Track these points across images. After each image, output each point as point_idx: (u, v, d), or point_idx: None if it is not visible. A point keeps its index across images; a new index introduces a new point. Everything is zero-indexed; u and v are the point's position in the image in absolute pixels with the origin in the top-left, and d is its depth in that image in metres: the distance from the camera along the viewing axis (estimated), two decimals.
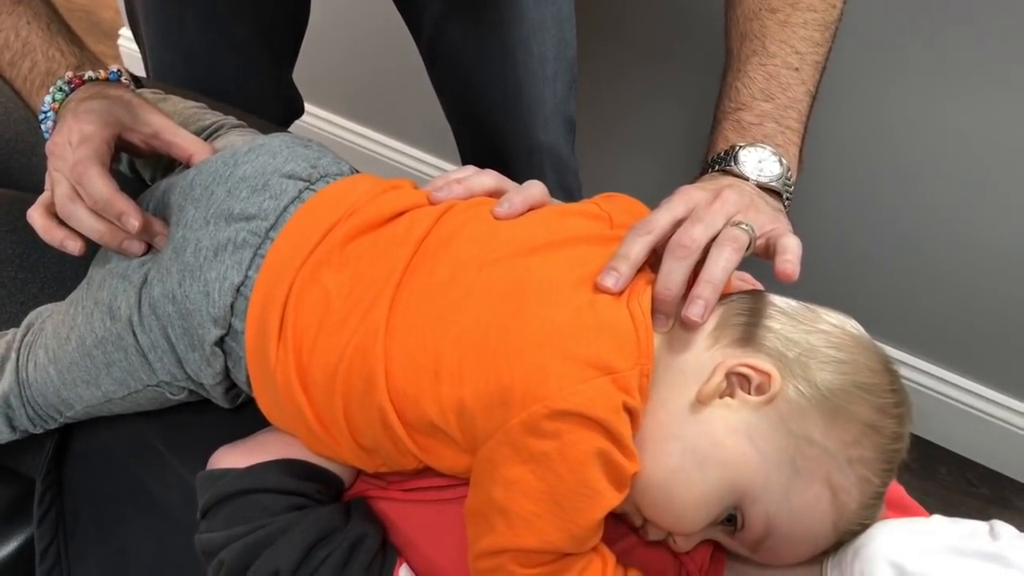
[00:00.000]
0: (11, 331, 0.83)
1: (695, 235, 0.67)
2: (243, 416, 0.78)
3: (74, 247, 0.78)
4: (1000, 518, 0.62)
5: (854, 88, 1.36)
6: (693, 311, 0.64)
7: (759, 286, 0.79)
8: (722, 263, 0.66)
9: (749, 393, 0.63)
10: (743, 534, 0.64)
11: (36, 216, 0.79)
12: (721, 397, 0.63)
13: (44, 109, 0.82)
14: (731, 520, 0.64)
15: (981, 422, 1.62)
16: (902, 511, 0.74)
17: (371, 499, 0.74)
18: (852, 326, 0.67)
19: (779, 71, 0.83)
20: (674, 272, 0.66)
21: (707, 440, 0.63)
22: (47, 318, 0.82)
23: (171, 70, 1.22)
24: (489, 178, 0.80)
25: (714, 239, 0.68)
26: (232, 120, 0.96)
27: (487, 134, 1.27)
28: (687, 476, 0.62)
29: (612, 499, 0.61)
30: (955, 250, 1.46)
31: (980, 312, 1.51)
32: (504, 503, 0.61)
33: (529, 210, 0.76)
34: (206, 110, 0.98)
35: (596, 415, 0.59)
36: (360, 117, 2.00)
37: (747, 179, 0.78)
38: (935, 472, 1.64)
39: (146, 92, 0.99)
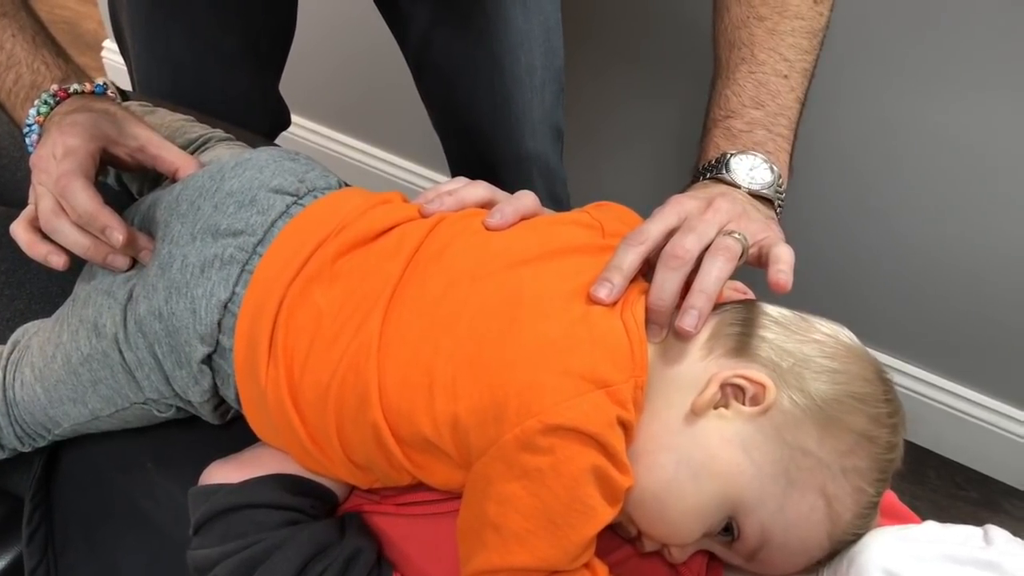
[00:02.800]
0: None
1: (688, 245, 0.67)
2: (233, 431, 0.78)
3: (58, 262, 0.77)
4: (989, 521, 0.62)
5: (846, 91, 1.37)
6: (687, 322, 0.65)
7: (751, 295, 0.79)
8: (715, 273, 0.66)
9: (743, 404, 0.63)
10: (738, 545, 0.64)
11: (19, 231, 0.78)
12: (715, 408, 0.63)
13: (29, 122, 0.81)
14: (727, 530, 0.64)
15: (970, 426, 1.62)
16: (895, 518, 0.74)
17: (365, 514, 0.74)
18: (846, 335, 0.67)
19: (768, 79, 0.83)
20: (667, 282, 0.66)
21: (701, 452, 0.62)
22: (33, 335, 0.81)
23: (157, 81, 1.21)
24: (480, 189, 0.80)
25: (707, 248, 0.68)
26: (220, 133, 0.95)
27: (475, 144, 1.27)
28: (681, 488, 0.62)
29: (606, 515, 0.60)
30: (943, 255, 1.47)
31: (969, 317, 1.51)
32: (497, 519, 0.60)
33: (521, 220, 0.75)
34: (193, 123, 0.97)
35: (590, 430, 0.59)
36: (347, 128, 2.00)
37: (738, 187, 0.78)
38: (924, 476, 1.65)
39: (133, 105, 0.98)
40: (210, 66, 1.20)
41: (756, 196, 0.78)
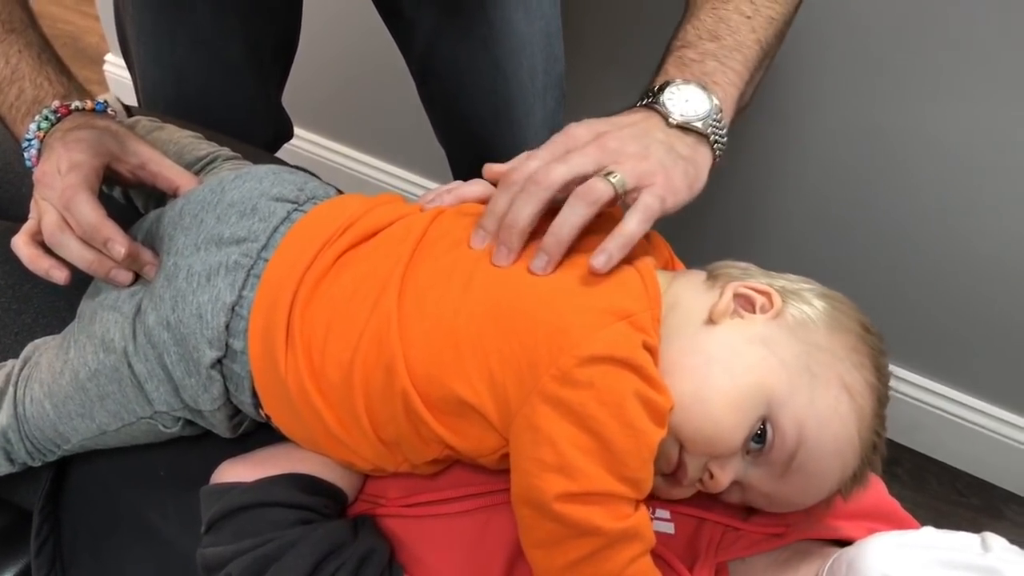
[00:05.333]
0: (10, 362, 0.83)
1: (554, 175, 0.69)
2: (246, 445, 0.79)
3: (60, 276, 0.77)
4: (991, 527, 0.63)
5: (843, 94, 1.37)
6: (535, 264, 0.68)
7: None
8: (572, 219, 0.68)
9: (754, 313, 0.68)
10: (775, 452, 0.66)
11: (21, 245, 0.79)
12: (731, 318, 0.68)
13: (28, 137, 0.82)
14: (762, 436, 0.66)
15: (970, 433, 1.63)
16: (895, 524, 0.74)
17: (376, 517, 0.75)
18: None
19: (730, 15, 0.83)
20: (524, 207, 0.69)
21: (728, 350, 0.67)
22: (43, 352, 0.82)
23: (161, 92, 1.23)
24: (478, 187, 0.82)
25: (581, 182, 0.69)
26: (226, 152, 0.96)
27: (478, 149, 1.28)
28: (717, 382, 0.65)
29: (655, 435, 0.63)
30: (941, 261, 1.47)
31: (969, 323, 1.52)
32: (557, 461, 0.62)
33: None
34: (201, 140, 0.98)
35: (621, 355, 0.62)
36: (350, 140, 2.01)
37: (668, 117, 0.76)
38: (925, 483, 1.65)
39: (143, 120, 0.99)
40: (213, 75, 1.21)
41: (689, 129, 0.76)
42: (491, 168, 0.75)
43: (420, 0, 1.17)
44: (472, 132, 1.27)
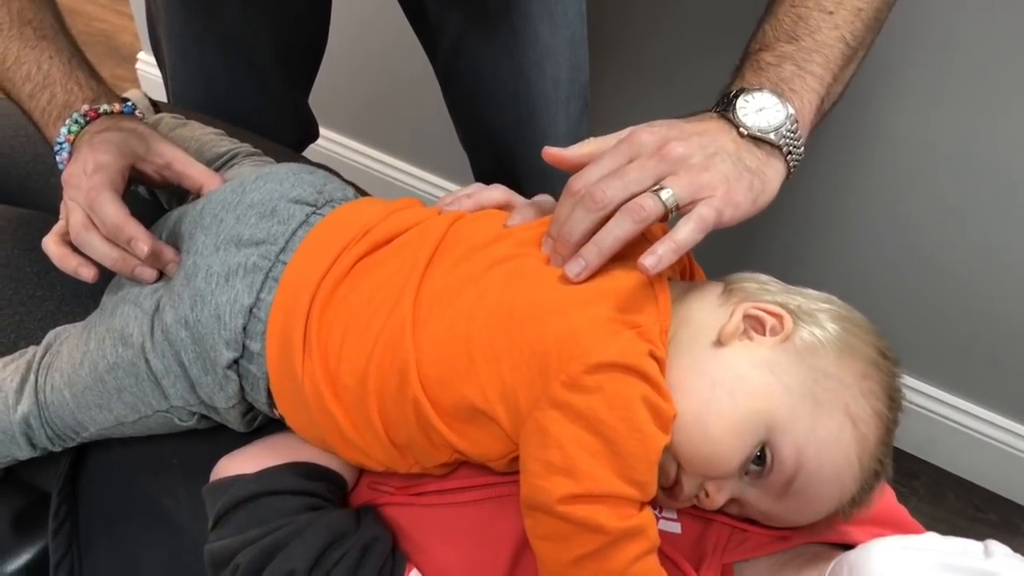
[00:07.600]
0: (31, 349, 0.85)
1: (610, 193, 0.69)
2: (254, 438, 0.80)
3: (88, 274, 0.80)
4: (1008, 543, 0.63)
5: (857, 100, 1.36)
6: (571, 268, 0.68)
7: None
8: (616, 232, 0.68)
9: (764, 336, 0.68)
10: (773, 476, 0.66)
11: (51, 244, 0.81)
12: (740, 340, 0.67)
13: (59, 140, 0.84)
14: (760, 460, 0.66)
15: (989, 447, 1.61)
16: (903, 531, 0.74)
17: (380, 506, 0.76)
18: (836, 300, 0.73)
19: (810, 13, 0.79)
20: (580, 222, 0.69)
21: (733, 374, 0.66)
22: (64, 340, 0.83)
23: (191, 92, 1.25)
24: (498, 192, 0.83)
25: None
26: (248, 148, 0.98)
27: (500, 156, 1.29)
28: (719, 406, 0.66)
29: (660, 440, 0.63)
30: (962, 275, 1.46)
31: (987, 337, 1.51)
32: (563, 463, 0.62)
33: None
34: (223, 137, 1.00)
35: (630, 362, 0.63)
36: (374, 141, 2.02)
37: (740, 127, 0.74)
38: (943, 498, 1.64)
39: (167, 116, 1.01)
40: (242, 78, 1.23)
41: (762, 140, 0.74)
42: (550, 152, 0.75)
43: (446, 4, 1.18)
44: (494, 138, 1.27)
